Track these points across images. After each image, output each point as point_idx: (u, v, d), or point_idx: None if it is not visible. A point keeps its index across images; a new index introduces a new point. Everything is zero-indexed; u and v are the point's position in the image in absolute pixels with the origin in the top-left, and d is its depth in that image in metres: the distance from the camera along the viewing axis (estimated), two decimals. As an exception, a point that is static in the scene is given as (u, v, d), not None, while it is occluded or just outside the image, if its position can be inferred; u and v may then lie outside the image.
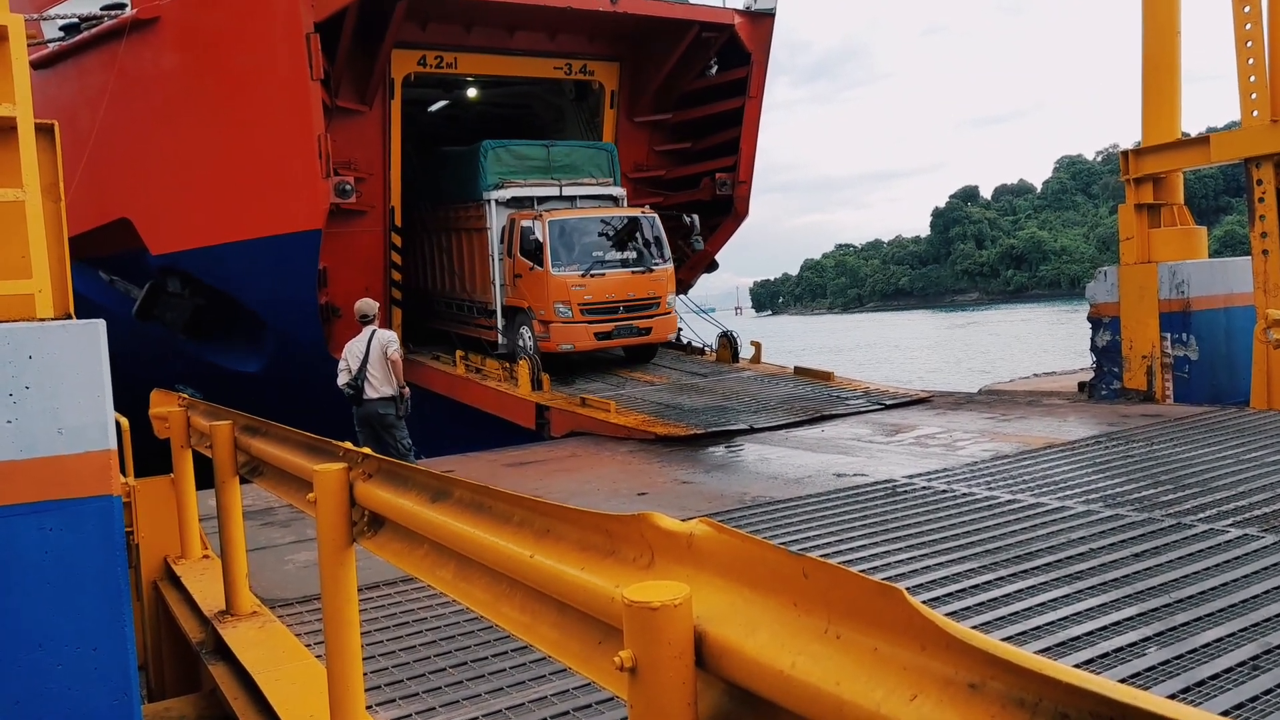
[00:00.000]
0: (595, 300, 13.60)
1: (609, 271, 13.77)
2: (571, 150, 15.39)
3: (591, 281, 13.54)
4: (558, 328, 13.46)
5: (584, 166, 15.24)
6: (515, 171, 14.60)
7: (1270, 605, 4.72)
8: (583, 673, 2.11)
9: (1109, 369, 12.19)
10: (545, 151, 15.06)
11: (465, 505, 2.69)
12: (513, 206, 14.33)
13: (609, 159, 15.55)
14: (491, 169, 14.45)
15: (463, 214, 15.30)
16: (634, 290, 13.96)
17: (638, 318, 14.03)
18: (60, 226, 4.31)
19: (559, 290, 13.42)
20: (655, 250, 14.32)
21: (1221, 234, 66.28)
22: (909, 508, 7.10)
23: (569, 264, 13.48)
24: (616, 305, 13.81)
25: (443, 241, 16.22)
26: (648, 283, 14.06)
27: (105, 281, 16.11)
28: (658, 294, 14.19)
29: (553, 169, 14.89)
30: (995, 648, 1.25)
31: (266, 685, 4.41)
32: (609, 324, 13.75)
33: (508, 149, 14.77)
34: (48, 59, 14.77)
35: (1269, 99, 10.69)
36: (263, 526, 7.57)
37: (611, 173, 15.42)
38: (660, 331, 14.43)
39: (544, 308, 13.51)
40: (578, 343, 13.54)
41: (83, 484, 3.83)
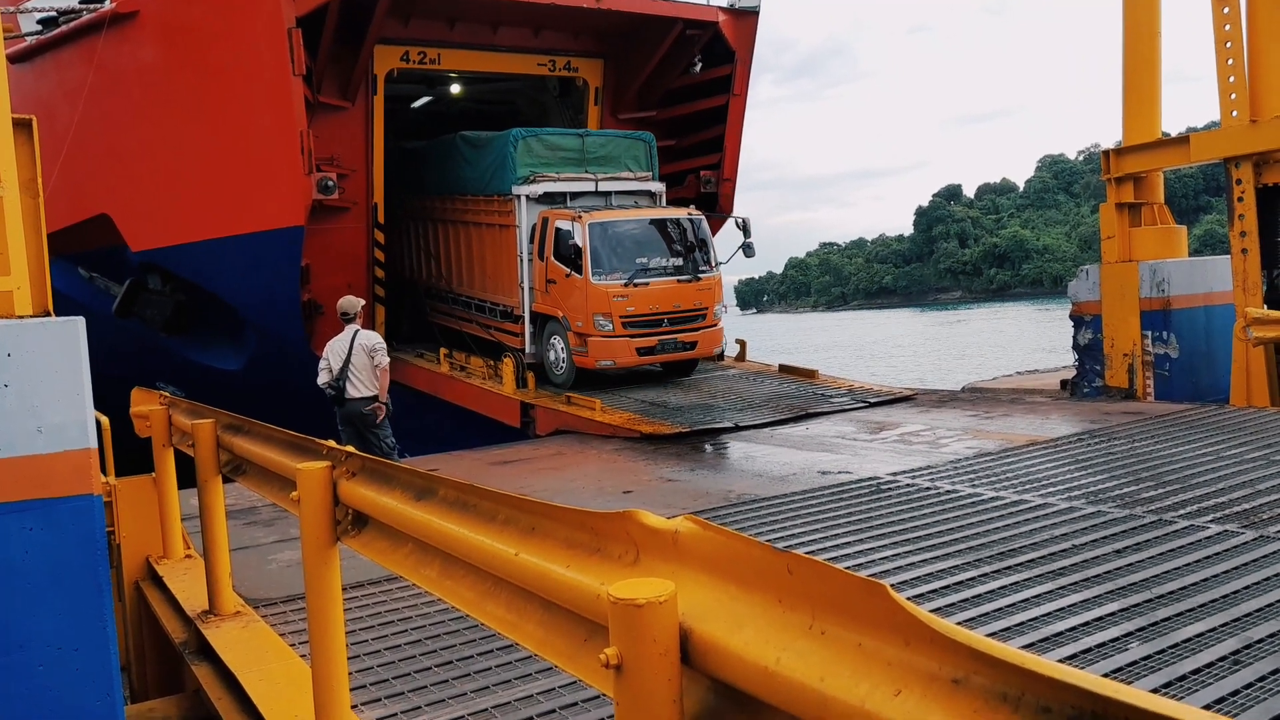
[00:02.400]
0: (638, 312, 12.30)
1: (654, 280, 12.49)
2: (607, 141, 14.06)
3: (635, 291, 12.28)
4: (597, 342, 12.23)
5: (620, 159, 13.89)
6: (547, 164, 13.29)
7: (1250, 600, 4.77)
8: (569, 670, 2.11)
9: (1091, 367, 12.28)
10: (579, 142, 13.72)
11: (450, 503, 2.68)
12: (544, 203, 13.11)
13: (647, 151, 14.17)
14: (521, 160, 13.13)
15: (484, 207, 14.09)
16: (680, 301, 12.68)
17: (683, 331, 12.75)
18: (38, 223, 4.27)
19: (599, 301, 12.17)
20: (702, 256, 13.11)
21: (1201, 233, 66.91)
22: (893, 505, 7.13)
23: (611, 272, 12.24)
24: (661, 318, 12.52)
25: (455, 235, 15.12)
26: (694, 292, 12.81)
27: (85, 278, 15.97)
28: (705, 305, 12.92)
29: (587, 161, 13.57)
30: (978, 643, 1.26)
31: (250, 685, 4.39)
32: (652, 338, 12.45)
33: (539, 138, 13.50)
34: (25, 53, 14.62)
35: (1248, 99, 10.79)
36: (246, 525, 7.53)
37: (650, 166, 14.10)
38: (706, 345, 13.12)
39: (581, 319, 12.27)
40: (619, 359, 12.30)
41: (63, 483, 3.80)
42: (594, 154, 13.67)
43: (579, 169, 13.45)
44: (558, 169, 13.31)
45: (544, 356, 13.16)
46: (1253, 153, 10.77)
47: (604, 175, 13.49)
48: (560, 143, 13.60)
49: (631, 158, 13.96)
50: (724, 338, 13.70)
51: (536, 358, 13.25)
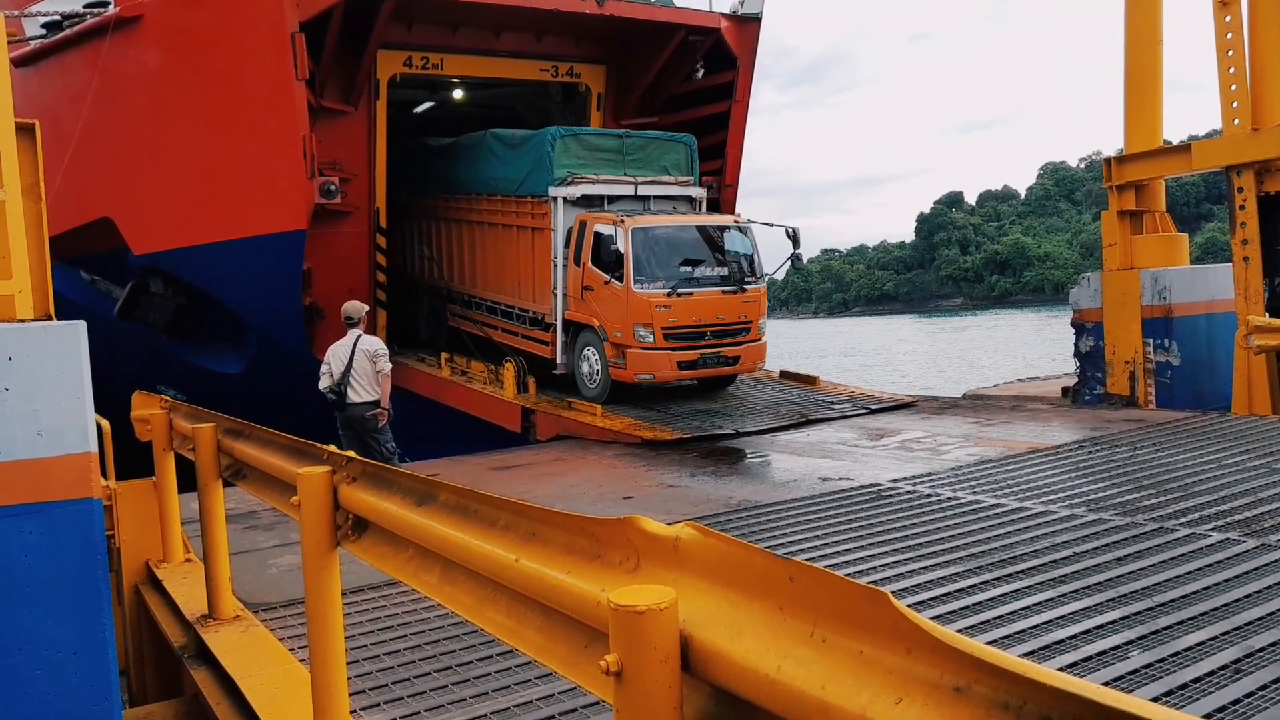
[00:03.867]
0: (681, 324, 11.66)
1: (697, 291, 11.86)
2: (647, 142, 13.34)
3: (678, 302, 11.62)
4: (636, 354, 11.58)
5: (660, 161, 13.26)
6: (585, 164, 12.66)
7: (1252, 609, 4.76)
8: (569, 677, 2.10)
9: (1092, 374, 12.27)
10: (619, 142, 13.06)
11: (450, 509, 2.67)
12: (580, 205, 12.49)
13: (688, 154, 13.54)
14: (560, 161, 12.49)
15: (516, 209, 13.41)
16: (724, 313, 12.03)
17: (726, 344, 12.10)
18: (41, 227, 4.27)
19: (641, 310, 11.51)
20: (748, 266, 12.48)
21: (1203, 241, 66.87)
22: (894, 512, 7.12)
23: (653, 280, 11.61)
24: (704, 330, 11.91)
25: (482, 237, 14.41)
26: (739, 304, 12.16)
27: (86, 281, 15.98)
28: (749, 317, 12.28)
29: (626, 163, 12.95)
30: (980, 651, 1.25)
31: (249, 690, 4.38)
32: (694, 352, 11.82)
33: (578, 138, 12.91)
34: (29, 57, 14.65)
35: (1249, 107, 10.80)
36: (246, 530, 7.52)
37: (691, 169, 13.50)
38: (749, 361, 12.45)
39: (620, 329, 11.62)
40: (659, 373, 11.66)
41: (62, 487, 3.80)
42: (633, 156, 13.09)
43: (618, 171, 12.86)
44: (596, 170, 12.71)
45: (576, 368, 12.57)
46: (1254, 161, 10.78)
47: (643, 178, 12.90)
48: (600, 143, 13.04)
49: (671, 160, 13.40)
50: (766, 353, 13.00)
51: (568, 369, 12.66)
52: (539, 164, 12.68)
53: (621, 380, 11.82)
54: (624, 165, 12.92)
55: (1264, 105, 10.79)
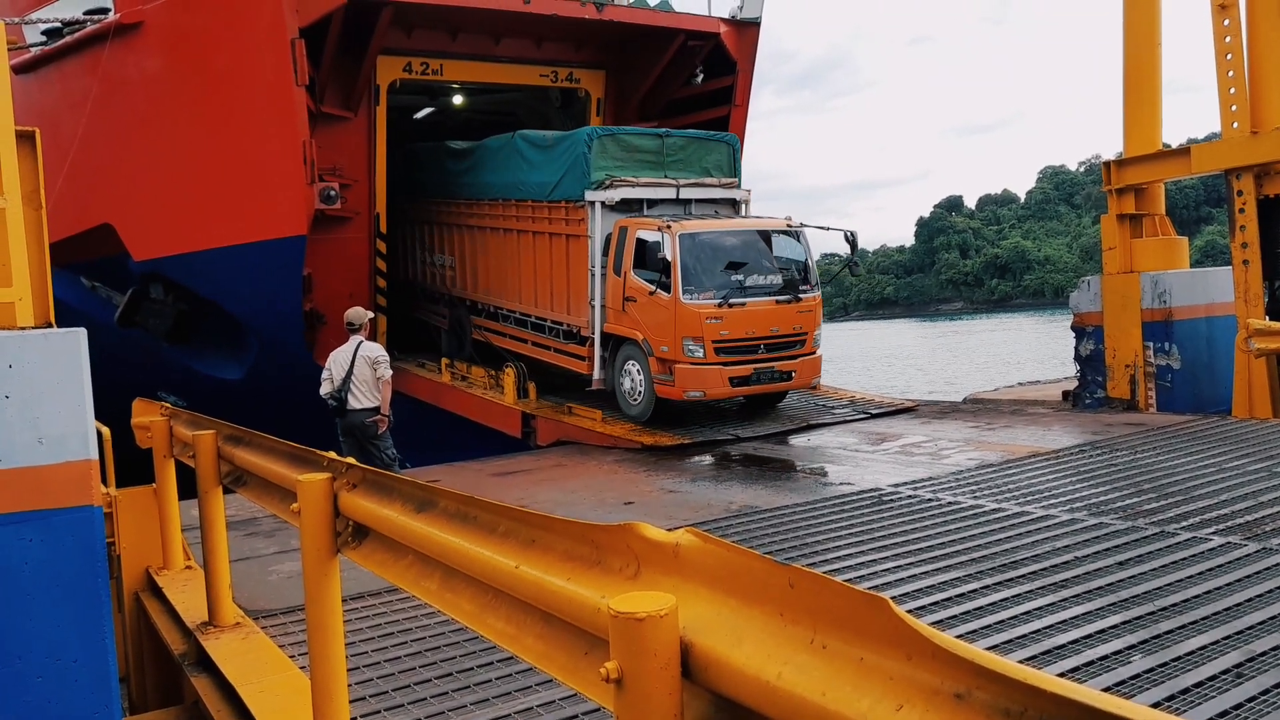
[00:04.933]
0: (733, 337, 10.85)
1: (750, 301, 11.03)
2: (688, 142, 12.59)
3: (730, 313, 10.80)
4: (685, 370, 10.73)
5: (701, 162, 12.53)
6: (623, 166, 11.89)
7: (1253, 613, 4.76)
8: (569, 684, 2.10)
9: (1092, 378, 12.27)
10: (659, 142, 12.29)
11: (450, 515, 2.67)
12: (619, 210, 11.73)
13: (731, 154, 12.79)
14: (597, 163, 11.72)
15: (548, 215, 12.61)
16: (778, 324, 11.21)
17: (780, 359, 11.27)
18: (41, 234, 4.28)
19: (690, 323, 10.69)
20: (803, 273, 11.73)
21: (1202, 244, 66.90)
22: (895, 516, 7.12)
23: (704, 290, 10.79)
24: (757, 343, 11.08)
25: (508, 245, 13.62)
26: (794, 315, 11.35)
27: (87, 288, 15.99)
28: (805, 329, 11.46)
29: (666, 164, 12.21)
30: (981, 657, 1.25)
31: (249, 697, 4.38)
32: (747, 367, 10.99)
33: (615, 138, 12.11)
34: (29, 64, 14.68)
35: (1249, 110, 10.81)
36: (246, 537, 7.52)
37: (733, 171, 12.75)
38: (804, 376, 11.61)
39: (667, 343, 10.79)
40: (710, 389, 10.84)
41: (63, 494, 3.80)
42: (673, 156, 12.33)
43: (657, 173, 12.07)
44: (635, 172, 11.90)
45: (615, 384, 11.69)
46: (1254, 164, 10.79)
47: (685, 180, 12.14)
48: (639, 143, 12.22)
49: (713, 161, 12.64)
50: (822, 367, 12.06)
51: (607, 385, 11.84)
52: (574, 166, 11.95)
53: (668, 398, 11.05)
54: (664, 167, 12.20)
55: (1263, 108, 10.80)
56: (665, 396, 11.02)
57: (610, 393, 11.80)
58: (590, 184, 11.67)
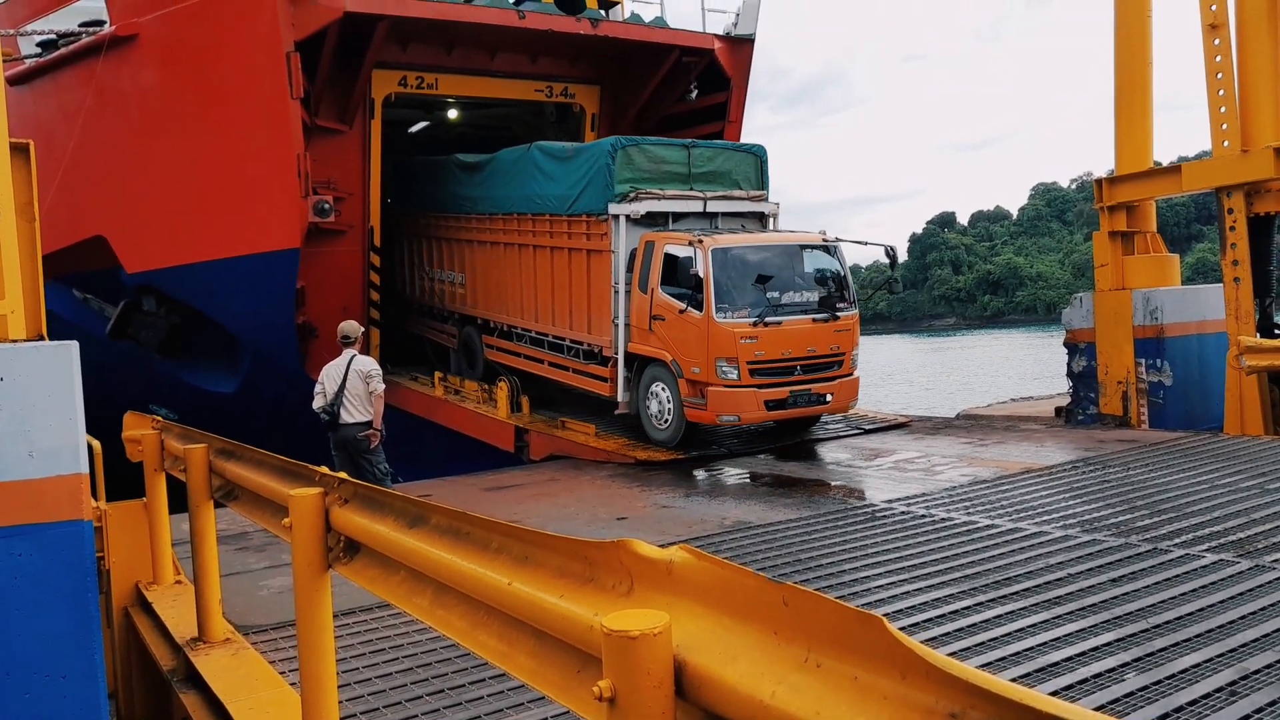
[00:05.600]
0: (769, 357, 10.30)
1: (786, 319, 10.47)
2: (715, 153, 12.13)
3: (765, 332, 10.26)
4: (718, 393, 10.17)
5: (729, 175, 12.02)
6: (649, 178, 11.38)
7: (1247, 630, 4.75)
8: (561, 702, 2.09)
9: (1085, 394, 12.30)
10: (685, 153, 11.80)
11: (443, 531, 2.66)
12: (643, 224, 11.23)
13: (759, 166, 12.27)
14: (620, 174, 11.20)
15: (567, 229, 12.09)
16: (815, 344, 10.62)
17: (817, 381, 10.69)
18: (34, 247, 4.27)
19: (724, 343, 10.14)
20: (840, 290, 11.07)
21: (1193, 261, 67.25)
22: (888, 532, 7.11)
23: (738, 308, 10.25)
24: (793, 364, 10.50)
25: (522, 261, 13.09)
26: (831, 334, 10.74)
27: (79, 300, 15.94)
28: (843, 349, 10.84)
29: (692, 177, 11.76)
30: (976, 677, 1.24)
31: (238, 714, 4.34)
32: (783, 389, 10.40)
33: (641, 149, 11.55)
34: (24, 75, 14.68)
35: (1239, 129, 10.89)
36: (237, 551, 7.47)
37: (762, 183, 12.23)
38: (842, 399, 10.97)
39: (699, 364, 10.25)
40: (744, 414, 10.30)
41: (53, 508, 3.78)
42: (700, 168, 11.82)
43: (683, 185, 11.59)
44: (660, 185, 11.39)
45: (640, 407, 11.12)
46: (1244, 182, 10.86)
47: (713, 193, 11.66)
48: (664, 154, 11.70)
49: (741, 173, 12.11)
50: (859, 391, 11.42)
51: (631, 408, 11.26)
52: (596, 178, 11.45)
53: (699, 422, 10.57)
54: (690, 179, 11.70)
55: (1253, 127, 10.88)
56: (696, 420, 10.53)
57: (634, 416, 11.29)
58: (613, 196, 11.16)
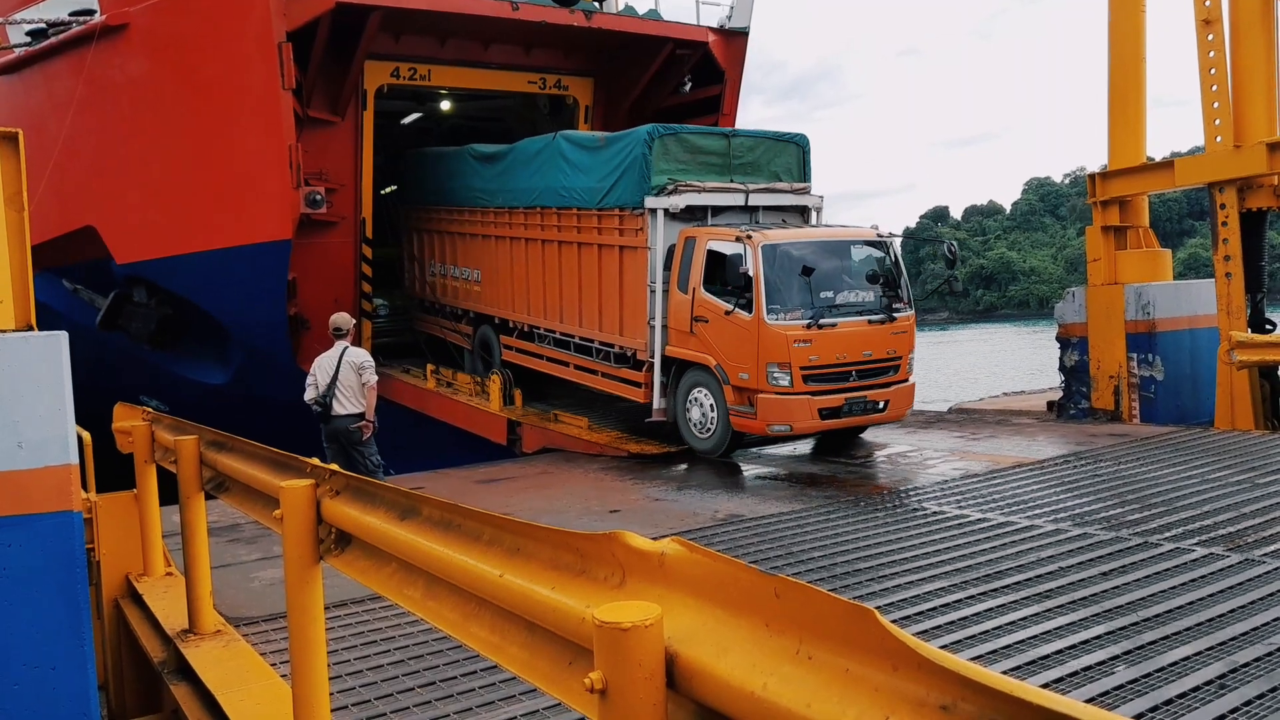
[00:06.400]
0: (823, 362, 9.53)
1: (841, 321, 9.71)
2: (756, 143, 11.31)
3: (820, 335, 9.48)
4: (769, 401, 9.38)
5: (770, 166, 11.29)
6: (687, 170, 10.65)
7: (1236, 624, 4.78)
8: (552, 694, 2.08)
9: (1077, 389, 12.34)
10: (725, 143, 11.09)
11: (434, 523, 2.66)
12: (681, 219, 10.48)
13: (801, 156, 11.53)
14: (658, 165, 10.48)
15: (597, 224, 11.34)
16: (870, 348, 9.82)
17: (872, 387, 9.86)
18: (23, 237, 4.24)
19: (775, 347, 9.38)
20: (894, 290, 10.27)
21: (1185, 256, 67.39)
22: (880, 526, 7.13)
23: (790, 309, 9.50)
24: (848, 370, 9.71)
25: (545, 257, 12.35)
26: (888, 337, 9.95)
27: (69, 291, 15.86)
28: (899, 352, 10.05)
29: (732, 168, 11.02)
30: (967, 669, 1.24)
31: (229, 705, 4.33)
32: (838, 396, 9.60)
33: (679, 138, 10.86)
34: (14, 64, 14.58)
35: (1232, 125, 10.91)
36: (228, 543, 7.46)
37: (804, 174, 11.53)
38: (898, 407, 10.13)
39: (748, 369, 9.51)
40: (797, 423, 9.48)
41: (42, 499, 3.76)
42: (741, 159, 11.08)
43: (723, 177, 10.86)
44: (699, 176, 10.68)
45: (677, 414, 10.37)
46: (1236, 178, 10.89)
47: (755, 185, 10.94)
48: (703, 144, 11.01)
49: (782, 165, 11.40)
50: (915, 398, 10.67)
51: (669, 415, 10.51)
52: (630, 169, 10.69)
53: (746, 431, 9.85)
54: (730, 171, 10.96)
55: (1246, 122, 10.91)
56: (743, 430, 9.82)
57: (671, 424, 10.58)
58: (650, 189, 10.41)
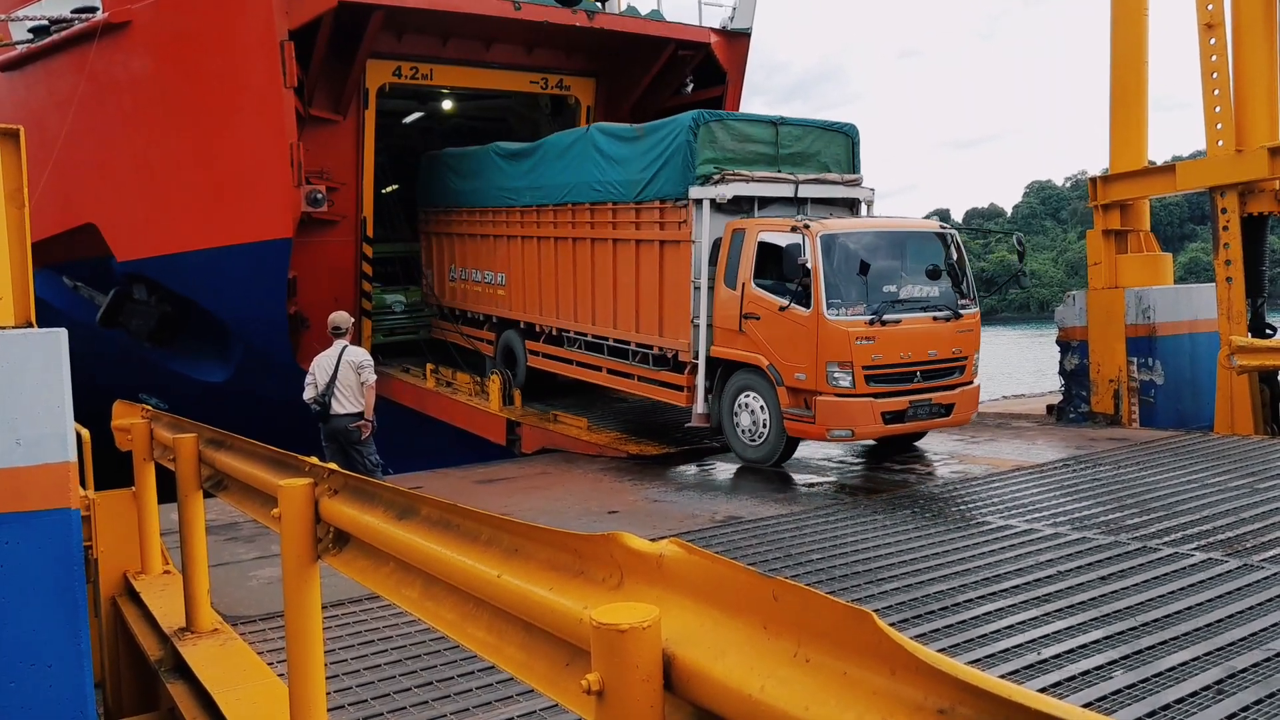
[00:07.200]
0: (886, 361, 8.90)
1: (905, 317, 9.08)
2: (805, 132, 10.74)
3: (883, 332, 8.87)
4: (829, 403, 8.75)
5: (819, 156, 10.72)
6: (733, 159, 10.08)
7: (1234, 629, 4.78)
8: (549, 695, 2.08)
9: (1077, 392, 12.33)
10: (773, 132, 10.46)
11: (432, 523, 2.65)
12: (727, 211, 9.87)
13: (850, 147, 10.98)
14: (703, 153, 9.89)
15: (634, 218, 10.80)
16: (935, 346, 9.18)
17: (938, 389, 9.22)
18: (23, 233, 4.23)
19: (836, 345, 8.73)
20: (959, 285, 9.68)
21: (1186, 260, 67.41)
22: (878, 528, 7.12)
23: (852, 304, 8.88)
24: (913, 370, 9.09)
25: (571, 255, 11.87)
26: (953, 335, 9.32)
27: (69, 288, 15.86)
28: (964, 352, 9.43)
29: (780, 158, 10.44)
30: (965, 673, 1.24)
31: (226, 704, 4.33)
32: (902, 399, 8.97)
33: (725, 125, 10.25)
34: (16, 61, 14.58)
35: (1234, 129, 10.91)
36: (226, 542, 7.45)
37: (853, 165, 10.97)
38: (964, 410, 9.47)
39: (804, 369, 8.87)
40: (860, 427, 8.86)
41: (40, 496, 3.75)
42: (789, 148, 10.49)
43: (771, 167, 10.27)
44: (747, 166, 10.08)
45: (723, 419, 9.80)
46: (1238, 182, 10.89)
47: (804, 175, 10.36)
48: (750, 132, 10.37)
49: (831, 155, 10.82)
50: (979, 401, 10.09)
51: (713, 420, 9.93)
52: (673, 159, 10.14)
53: (803, 437, 9.26)
54: (777, 160, 10.37)
55: (1248, 127, 10.90)
56: (800, 435, 9.21)
57: (715, 429, 10.03)
58: (694, 179, 9.85)
